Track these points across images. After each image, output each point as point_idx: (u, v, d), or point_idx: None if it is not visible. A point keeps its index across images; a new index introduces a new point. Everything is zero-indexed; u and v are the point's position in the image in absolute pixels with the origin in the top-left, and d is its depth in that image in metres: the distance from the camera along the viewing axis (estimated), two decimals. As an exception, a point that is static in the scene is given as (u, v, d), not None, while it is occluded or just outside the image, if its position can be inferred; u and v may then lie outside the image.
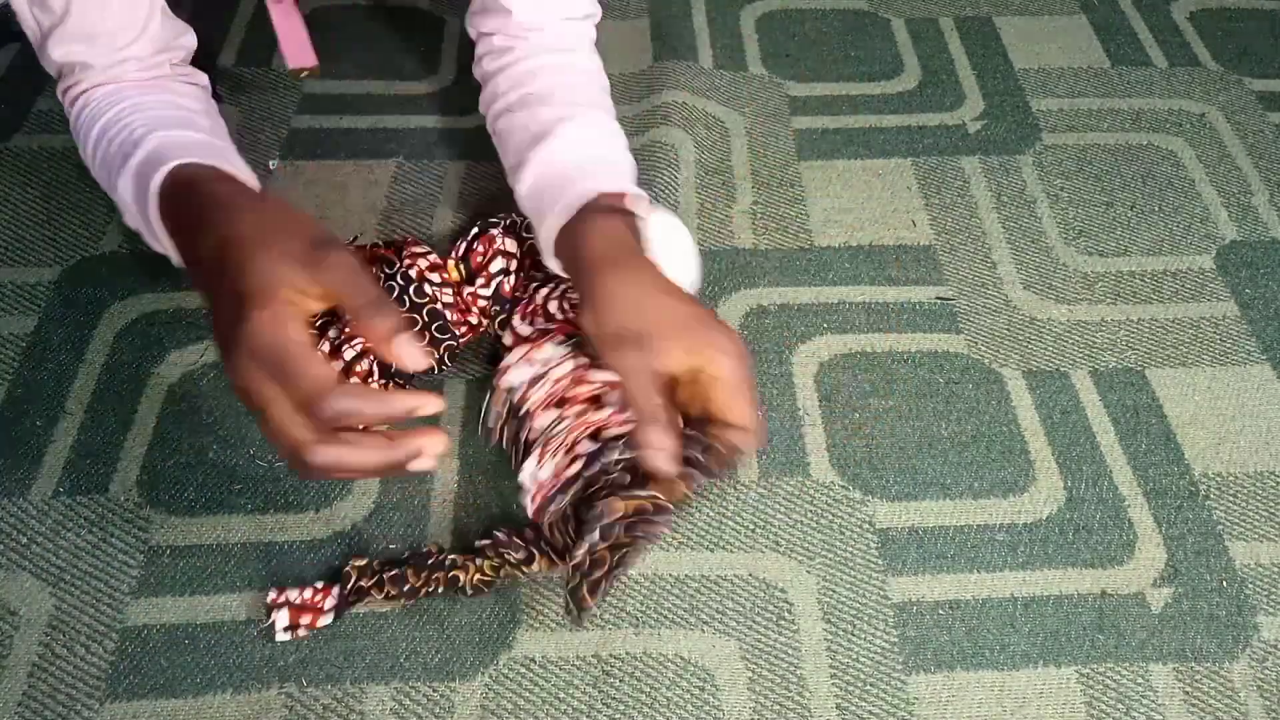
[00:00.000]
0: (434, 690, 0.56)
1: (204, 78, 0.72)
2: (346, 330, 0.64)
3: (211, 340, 0.71)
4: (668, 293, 0.56)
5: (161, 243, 0.58)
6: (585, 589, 0.54)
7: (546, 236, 0.63)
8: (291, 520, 0.63)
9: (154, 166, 0.57)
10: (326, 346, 0.64)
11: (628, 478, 0.56)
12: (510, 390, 0.62)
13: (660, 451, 0.53)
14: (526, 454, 0.59)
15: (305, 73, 0.82)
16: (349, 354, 0.64)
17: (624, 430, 0.58)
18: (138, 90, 0.67)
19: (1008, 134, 0.90)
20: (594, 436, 0.58)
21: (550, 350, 0.62)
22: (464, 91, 0.91)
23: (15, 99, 0.89)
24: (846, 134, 0.90)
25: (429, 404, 0.48)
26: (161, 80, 0.69)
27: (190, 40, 0.70)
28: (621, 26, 0.98)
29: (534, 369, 0.61)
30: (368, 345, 0.55)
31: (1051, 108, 0.93)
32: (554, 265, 0.64)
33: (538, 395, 0.60)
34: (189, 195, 0.55)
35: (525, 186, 0.67)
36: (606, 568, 0.54)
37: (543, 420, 0.59)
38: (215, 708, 0.55)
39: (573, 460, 0.58)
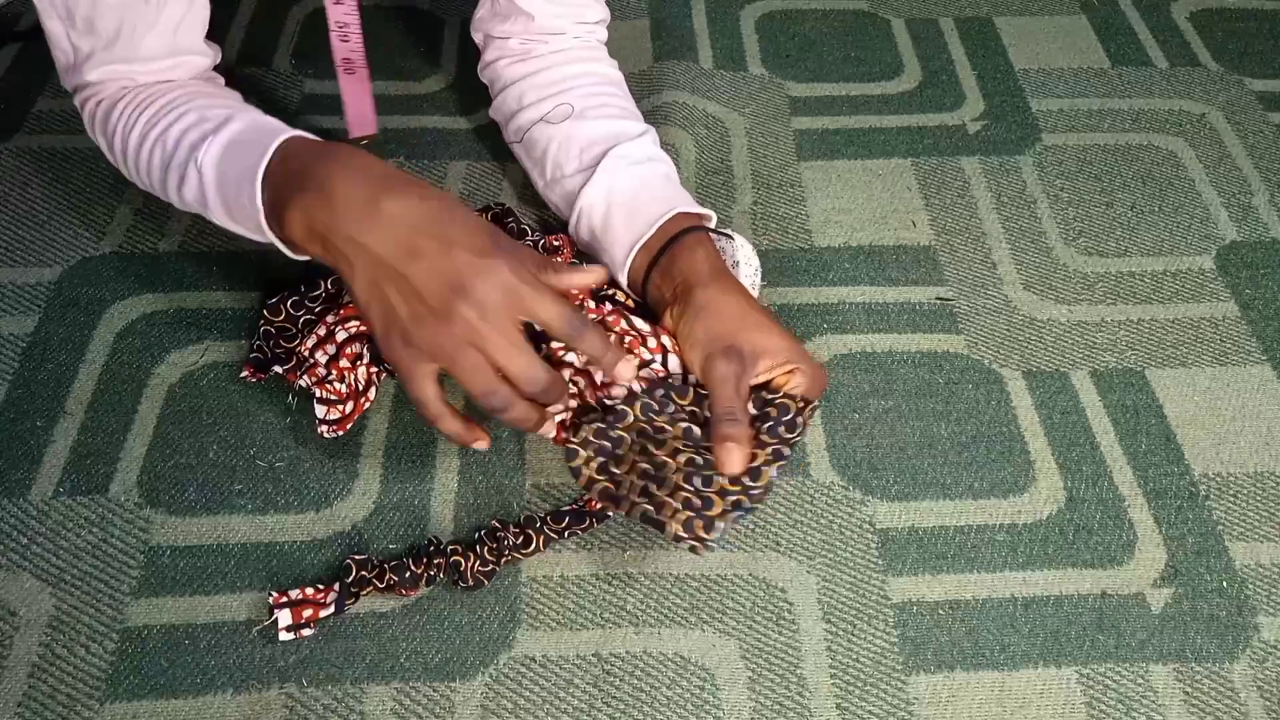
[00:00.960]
0: (434, 690, 0.56)
1: (221, 80, 0.73)
2: (341, 313, 0.65)
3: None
4: (764, 313, 0.62)
5: (252, 204, 0.58)
6: (699, 524, 0.56)
7: (620, 247, 0.67)
8: (291, 520, 0.63)
9: (261, 135, 0.59)
10: (322, 330, 0.65)
11: (695, 430, 0.59)
12: None
13: (733, 444, 0.56)
14: None
15: (366, 140, 0.84)
16: (341, 335, 0.64)
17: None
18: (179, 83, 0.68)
19: (1008, 134, 0.90)
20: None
21: None
22: (464, 91, 0.91)
23: (15, 99, 0.89)
24: (846, 134, 0.90)
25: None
26: (198, 81, 0.71)
27: (217, 57, 0.72)
28: (621, 26, 0.98)
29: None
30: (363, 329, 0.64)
31: (1051, 108, 0.93)
32: (623, 278, 0.68)
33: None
34: (325, 157, 0.56)
35: (589, 196, 0.70)
36: (720, 510, 0.56)
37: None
38: (215, 708, 0.55)
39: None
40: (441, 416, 0.56)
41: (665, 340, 0.63)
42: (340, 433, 0.65)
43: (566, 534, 0.61)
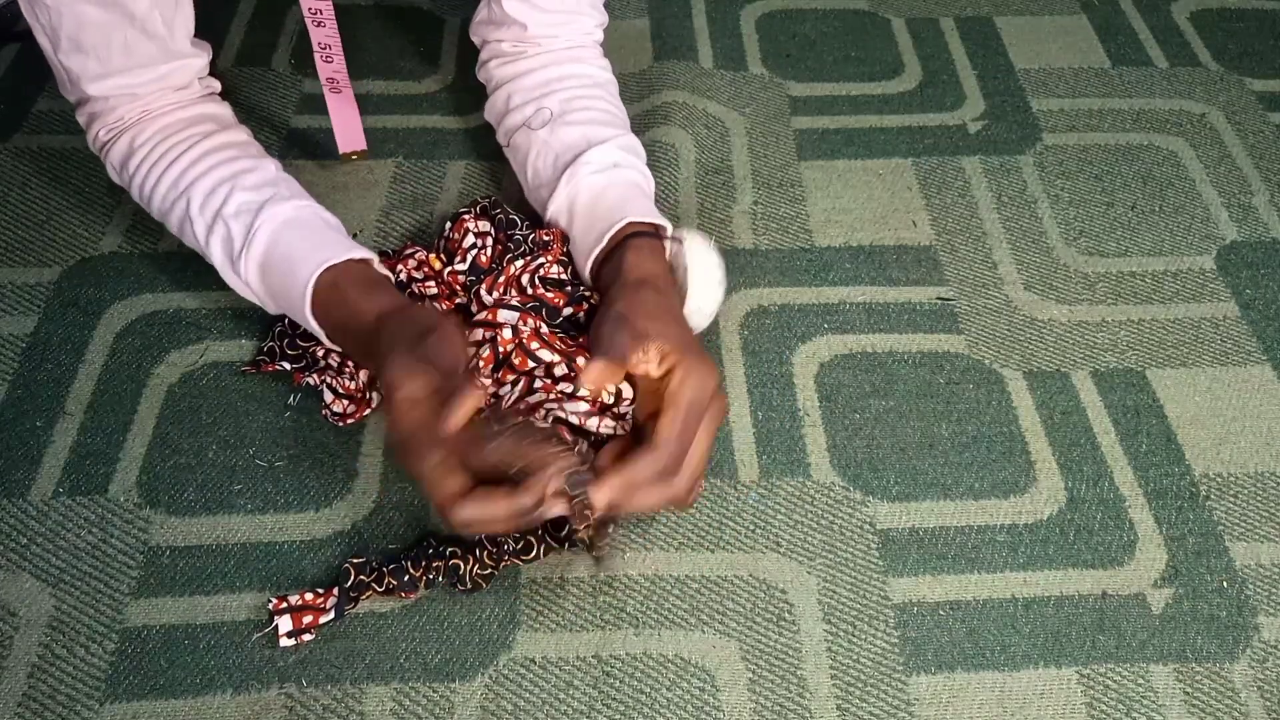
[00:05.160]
0: (434, 691, 0.56)
1: (218, 84, 0.74)
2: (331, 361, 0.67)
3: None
4: (674, 311, 0.62)
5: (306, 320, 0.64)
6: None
7: (581, 257, 0.68)
8: (291, 520, 0.63)
9: (291, 266, 0.64)
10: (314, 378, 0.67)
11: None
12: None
13: (599, 362, 0.56)
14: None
15: (355, 156, 0.84)
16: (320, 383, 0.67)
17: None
18: (188, 130, 0.70)
19: (1008, 134, 0.90)
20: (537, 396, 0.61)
21: (506, 315, 0.64)
22: (464, 91, 0.91)
23: (15, 99, 0.89)
24: (847, 134, 0.90)
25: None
26: (199, 104, 0.72)
27: (209, 54, 0.73)
28: (621, 26, 0.98)
29: (491, 332, 0.63)
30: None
31: (1052, 108, 0.93)
32: (586, 277, 0.68)
33: (484, 352, 0.62)
34: (351, 296, 0.62)
35: (555, 207, 0.70)
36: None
37: (483, 381, 0.61)
38: (215, 708, 0.55)
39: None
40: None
41: (582, 361, 0.61)
42: (342, 424, 0.66)
43: (566, 545, 0.61)
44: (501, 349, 0.62)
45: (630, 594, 0.60)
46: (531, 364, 0.61)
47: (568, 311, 0.66)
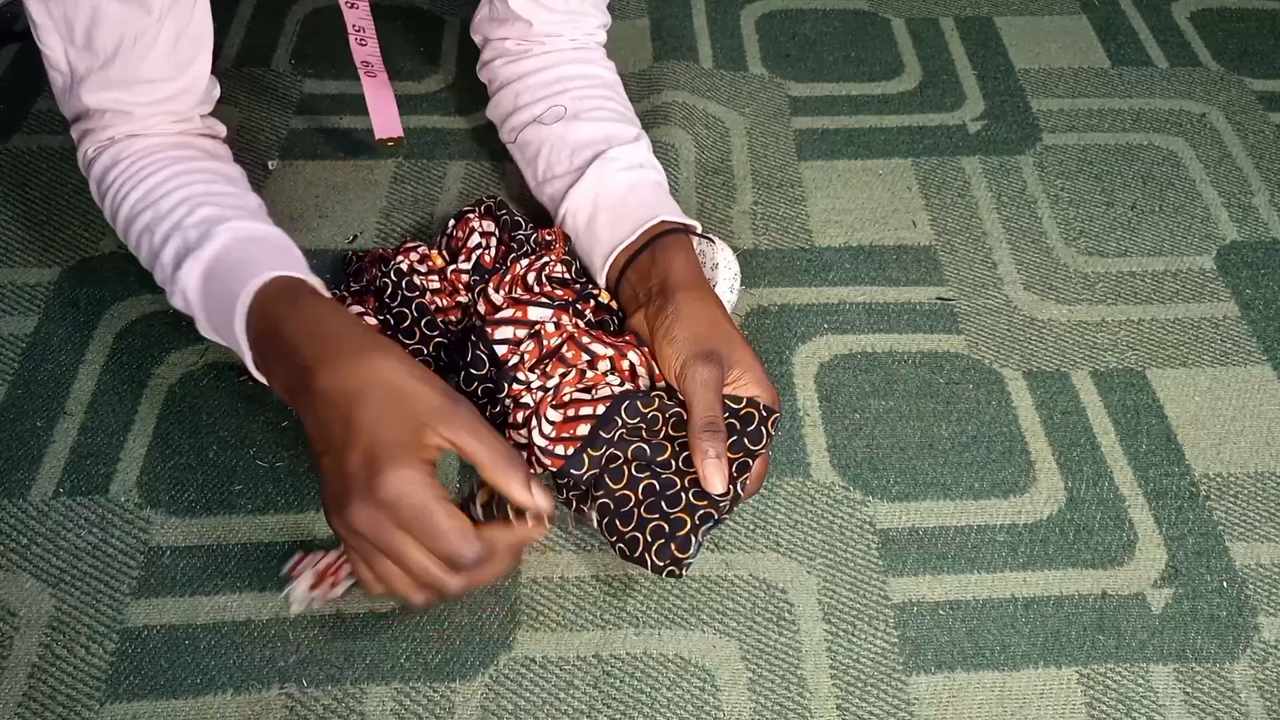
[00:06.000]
0: (434, 691, 0.56)
1: (223, 129, 0.72)
2: None
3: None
4: (734, 326, 0.62)
5: (237, 344, 0.58)
6: (675, 546, 0.56)
7: (601, 250, 0.67)
8: (292, 520, 0.63)
9: (237, 271, 0.58)
10: None
11: (646, 449, 0.58)
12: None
13: (717, 460, 0.56)
14: (498, 406, 0.60)
15: (391, 143, 0.82)
16: None
17: (620, 386, 0.61)
18: (175, 150, 0.67)
19: (1008, 134, 0.90)
20: (586, 391, 0.60)
21: (538, 312, 0.63)
22: (464, 91, 0.91)
23: (15, 99, 0.89)
24: (847, 134, 0.90)
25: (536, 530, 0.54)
26: (193, 138, 0.70)
27: (217, 92, 0.71)
28: (621, 26, 0.98)
29: (524, 330, 0.63)
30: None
31: (1052, 108, 0.93)
32: (601, 279, 0.68)
33: (528, 347, 0.62)
34: (290, 316, 0.56)
35: (576, 197, 0.70)
36: (690, 526, 0.56)
37: (529, 377, 0.61)
38: (215, 708, 0.55)
39: (577, 420, 0.59)
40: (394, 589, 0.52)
41: (633, 356, 0.62)
42: None
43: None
44: (547, 342, 0.62)
45: (630, 594, 0.60)
46: (586, 357, 0.61)
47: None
